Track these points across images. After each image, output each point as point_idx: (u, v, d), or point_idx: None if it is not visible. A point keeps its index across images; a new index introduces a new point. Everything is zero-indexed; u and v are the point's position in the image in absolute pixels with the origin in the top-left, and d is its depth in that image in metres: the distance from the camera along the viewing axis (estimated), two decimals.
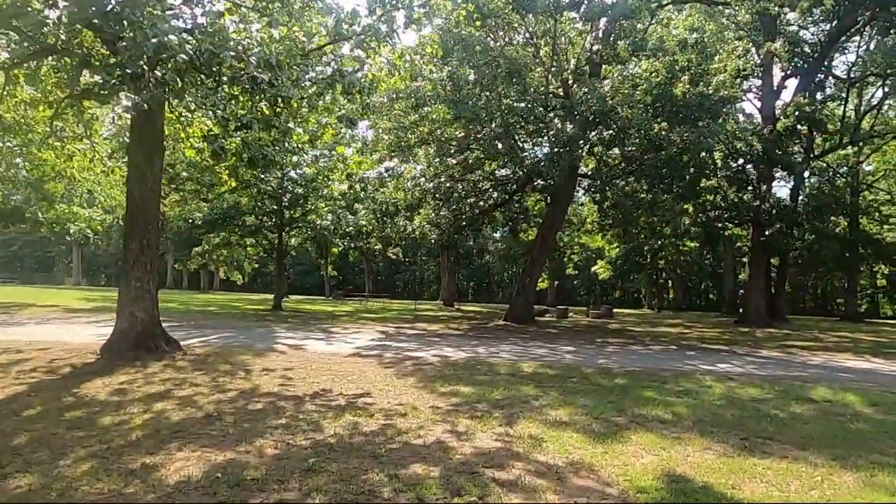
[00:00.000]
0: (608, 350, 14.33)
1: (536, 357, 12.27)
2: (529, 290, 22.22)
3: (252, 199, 24.04)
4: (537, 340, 16.09)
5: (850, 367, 12.16)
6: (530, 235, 46.70)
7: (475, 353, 12.76)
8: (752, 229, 25.70)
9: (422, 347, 13.46)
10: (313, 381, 8.68)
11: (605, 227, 27.94)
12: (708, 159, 17.23)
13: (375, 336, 16.08)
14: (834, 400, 8.23)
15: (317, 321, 20.76)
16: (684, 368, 11.11)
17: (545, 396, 7.96)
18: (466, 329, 19.42)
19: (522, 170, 17.94)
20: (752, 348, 15.52)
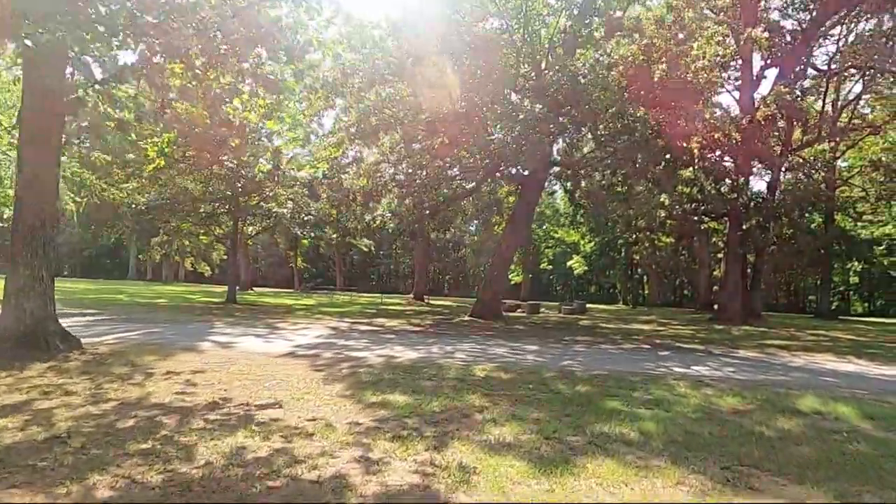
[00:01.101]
0: (576, 349, 13.19)
1: (495, 358, 11.05)
2: (497, 284, 21.03)
3: (203, 184, 22.41)
4: (501, 338, 14.90)
5: (835, 370, 11.18)
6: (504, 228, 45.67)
7: (428, 352, 11.50)
8: (729, 223, 24.86)
9: (370, 346, 12.16)
10: (220, 387, 7.33)
11: (576, 218, 26.87)
12: (684, 144, 16.19)
13: (324, 332, 14.73)
14: (825, 412, 7.14)
15: (268, 315, 19.31)
16: (656, 372, 9.99)
17: (492, 408, 6.72)
18: (428, 325, 18.16)
19: (488, 155, 16.68)
20: (729, 348, 14.53)
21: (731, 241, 24.63)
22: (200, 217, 22.91)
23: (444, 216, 26.23)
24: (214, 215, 23.02)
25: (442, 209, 21.21)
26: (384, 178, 19.69)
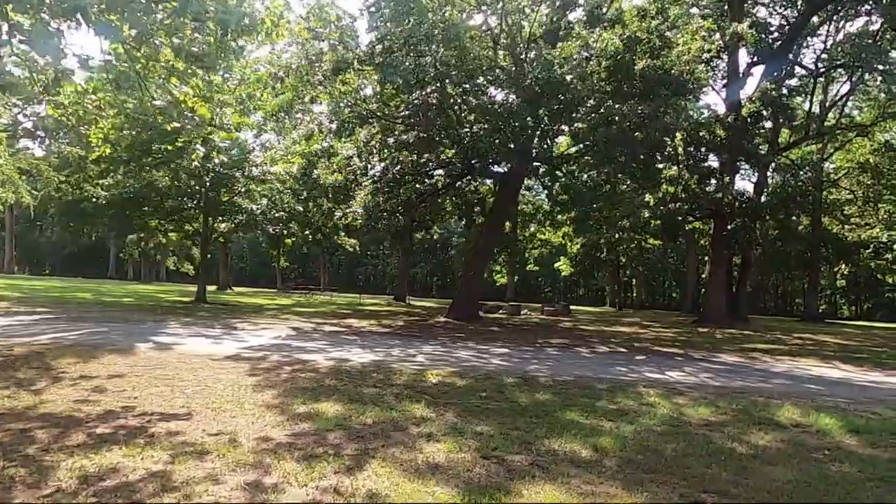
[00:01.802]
0: (547, 353, 12.44)
1: (456, 362, 10.28)
2: (473, 285, 20.26)
3: (169, 178, 21.49)
4: (472, 340, 14.12)
5: (819, 376, 10.50)
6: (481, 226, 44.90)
7: (386, 355, 10.70)
8: (714, 223, 24.26)
9: (325, 348, 11.35)
10: (131, 394, 6.51)
11: (554, 217, 26.15)
12: (664, 137, 15.46)
13: (284, 333, 13.90)
14: (805, 424, 6.43)
15: (233, 315, 18.44)
16: (628, 378, 9.25)
17: (434, 420, 5.95)
18: (399, 326, 17.37)
19: (462, 150, 15.88)
20: (710, 352, 13.84)
21: (715, 241, 24.03)
22: (166, 212, 21.97)
23: (423, 214, 25.43)
24: (181, 211, 22.06)
25: (415, 206, 20.38)
26: (356, 173, 18.88)
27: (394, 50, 14.14)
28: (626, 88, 14.71)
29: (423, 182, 20.10)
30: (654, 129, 14.21)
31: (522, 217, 42.23)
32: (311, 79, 15.61)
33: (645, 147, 14.69)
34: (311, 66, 15.09)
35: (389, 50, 14.22)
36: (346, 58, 14.55)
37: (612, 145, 14.20)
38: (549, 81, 13.79)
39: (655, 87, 14.60)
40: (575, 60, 14.24)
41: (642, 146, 14.57)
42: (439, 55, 13.86)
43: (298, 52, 15.14)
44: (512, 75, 14.60)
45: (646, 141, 14.53)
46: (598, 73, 14.78)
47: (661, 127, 14.43)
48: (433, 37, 13.78)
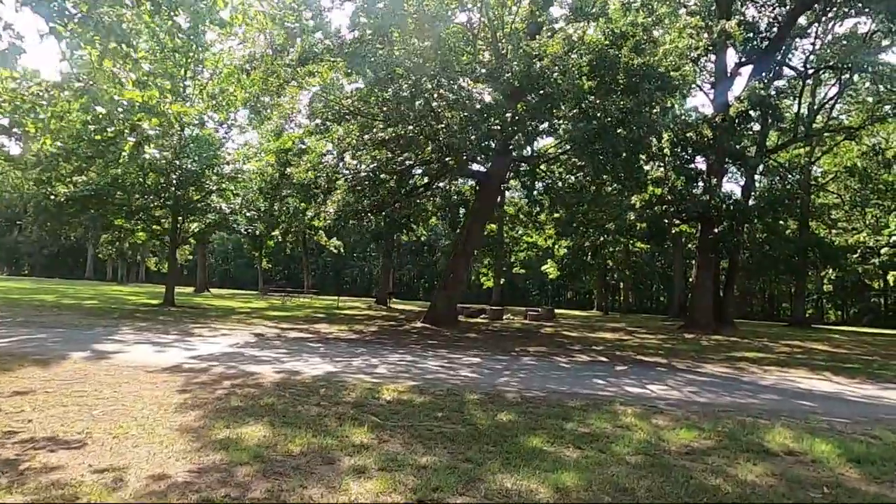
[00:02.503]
0: (522, 363, 11.65)
1: (421, 374, 9.46)
2: (452, 289, 19.43)
3: (135, 175, 20.50)
4: (444, 348, 13.31)
5: (811, 390, 9.78)
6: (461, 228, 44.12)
7: (346, 366, 9.86)
8: (701, 226, 23.63)
9: (281, 358, 10.49)
10: (28, 415, 5.65)
11: (535, 218, 25.39)
12: (648, 134, 14.73)
13: (243, 340, 13.01)
14: (799, 451, 5.68)
15: (196, 320, 17.49)
16: (605, 393, 8.48)
17: (373, 450, 5.12)
18: (370, 332, 16.51)
19: (438, 147, 15.04)
20: (695, 361, 13.11)
21: (702, 245, 23.40)
22: (130, 211, 20.94)
23: (403, 214, 24.59)
24: (146, 209, 21.04)
25: (390, 206, 19.50)
26: (328, 171, 17.98)
27: (364, 40, 13.32)
28: (609, 83, 13.99)
29: (399, 181, 19.24)
30: (636, 126, 13.49)
31: (508, 219, 41.68)
32: (278, 70, 14.75)
33: (627, 144, 13.95)
34: (276, 56, 14.19)
35: (360, 40, 13.40)
36: (315, 48, 13.67)
37: (593, 142, 13.45)
38: (528, 75, 13.03)
39: (639, 82, 13.90)
40: (556, 54, 13.47)
41: (624, 143, 13.83)
42: (412, 46, 13.06)
43: (264, 42, 14.29)
44: (491, 69, 13.79)
45: (628, 138, 13.79)
46: (579, 67, 14.05)
47: (644, 123, 13.73)
48: (406, 27, 12.98)
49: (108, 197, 20.22)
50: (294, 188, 18.61)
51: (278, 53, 14.06)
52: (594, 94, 13.89)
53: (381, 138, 17.95)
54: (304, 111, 17.33)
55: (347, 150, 17.85)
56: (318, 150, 18.77)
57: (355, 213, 18.08)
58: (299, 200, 20.01)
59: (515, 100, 13.56)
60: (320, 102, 17.43)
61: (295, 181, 18.01)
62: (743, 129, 21.68)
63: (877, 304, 53.70)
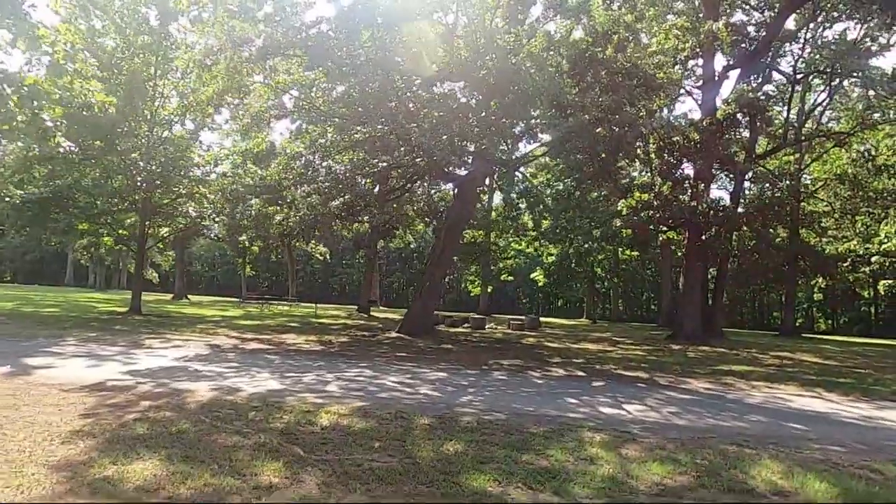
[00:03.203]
0: (492, 378, 10.79)
1: (375, 392, 8.59)
2: (429, 297, 18.54)
3: (97, 176, 19.54)
4: (411, 361, 12.42)
5: (801, 410, 8.97)
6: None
7: (295, 383, 8.98)
8: (688, 233, 22.91)
9: (225, 373, 9.58)
10: None
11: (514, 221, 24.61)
12: (629, 133, 13.91)
13: (194, 352, 12.07)
14: (789, 490, 4.86)
15: (156, 329, 16.51)
16: (575, 414, 7.64)
17: (281, 491, 4.26)
18: (339, 343, 15.60)
19: (411, 150, 14.20)
20: (679, 376, 12.29)
21: (689, 252, 22.67)
22: (92, 214, 19.92)
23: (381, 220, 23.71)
24: (110, 212, 20.02)
25: (361, 209, 18.58)
26: (296, 174, 17.07)
27: (329, 33, 12.48)
28: (590, 81, 13.24)
29: (372, 184, 18.33)
30: (616, 125, 12.71)
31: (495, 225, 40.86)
32: (238, 66, 13.87)
33: (606, 144, 13.16)
34: (236, 49, 13.28)
35: (323, 33, 12.55)
36: (276, 41, 12.80)
37: (570, 140, 12.65)
38: (502, 70, 12.25)
39: (622, 80, 13.15)
40: (532, 48, 12.70)
41: (603, 142, 13.04)
42: (377, 40, 12.25)
43: (222, 35, 13.41)
44: (464, 65, 12.96)
45: (607, 137, 13.01)
46: (558, 64, 13.31)
47: (625, 122, 12.95)
48: (374, 20, 12.18)
49: (69, 200, 19.24)
50: (257, 190, 17.71)
51: (238, 47, 13.17)
52: (572, 90, 13.12)
53: (355, 139, 17.13)
54: (274, 112, 16.42)
55: (318, 152, 17.00)
56: (289, 151, 17.89)
57: (322, 217, 17.14)
58: (263, 203, 19.12)
59: (490, 98, 12.78)
60: (290, 102, 16.58)
61: (260, 184, 17.09)
62: (731, 133, 21.02)
63: (867, 313, 53.30)
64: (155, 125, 21.05)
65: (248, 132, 16.37)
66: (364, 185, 17.99)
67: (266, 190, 17.61)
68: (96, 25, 21.06)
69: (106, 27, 20.97)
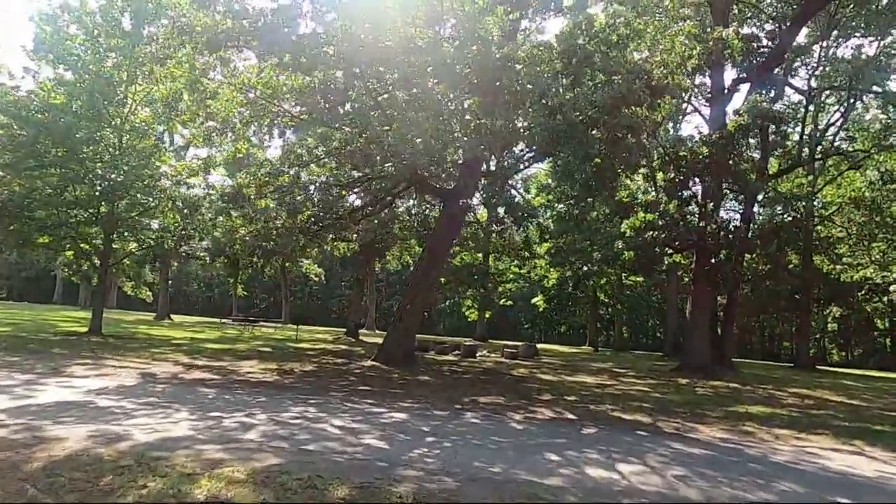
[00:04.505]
0: (462, 421, 8.98)
1: (305, 441, 6.85)
2: (409, 322, 16.73)
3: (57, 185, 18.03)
4: (372, 398, 10.63)
5: (845, 475, 7.13)
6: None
7: (208, 427, 7.25)
8: (696, 256, 21.13)
9: (132, 413, 7.85)
10: None
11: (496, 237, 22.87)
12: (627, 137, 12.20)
13: (116, 383, 10.35)
14: None
15: (96, 353, 14.79)
16: (552, 480, 5.85)
17: None
18: (301, 373, 13.82)
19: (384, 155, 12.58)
20: (688, 420, 10.42)
21: (697, 277, 20.85)
22: (46, 226, 18.33)
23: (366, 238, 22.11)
24: (66, 225, 18.42)
25: (329, 225, 16.78)
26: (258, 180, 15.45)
27: (285, 14, 10.96)
28: (587, 78, 11.67)
29: (343, 197, 16.61)
30: (613, 128, 11.06)
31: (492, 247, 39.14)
32: (189, 59, 12.38)
33: (601, 147, 11.48)
34: (180, 38, 11.71)
35: (278, 13, 11.01)
36: (226, 28, 11.28)
37: (559, 142, 11.01)
38: (484, 68, 10.69)
39: (622, 79, 11.56)
40: (520, 42, 11.20)
41: (598, 145, 11.38)
42: (339, 27, 10.75)
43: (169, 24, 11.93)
44: (438, 59, 11.36)
45: (603, 140, 11.36)
46: (549, 59, 11.79)
47: (623, 124, 11.31)
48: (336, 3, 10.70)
49: (21, 210, 17.70)
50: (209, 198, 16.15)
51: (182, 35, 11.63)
52: (562, 88, 11.54)
53: (332, 147, 15.60)
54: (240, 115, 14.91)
55: (287, 160, 15.45)
56: (260, 159, 16.35)
57: (282, 231, 15.41)
58: (216, 214, 17.55)
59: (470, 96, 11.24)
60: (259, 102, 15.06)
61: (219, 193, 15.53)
62: (743, 149, 19.38)
63: (882, 344, 50.99)
64: (124, 133, 19.61)
65: (211, 138, 14.85)
66: (335, 197, 16.34)
67: (225, 199, 16.03)
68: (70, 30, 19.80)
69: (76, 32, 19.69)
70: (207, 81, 13.44)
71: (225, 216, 17.22)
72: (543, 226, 27.56)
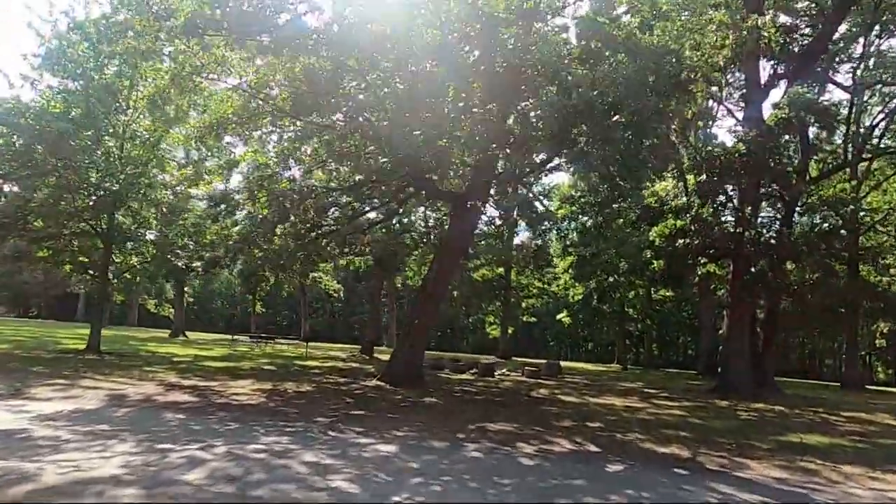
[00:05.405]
0: (459, 456, 7.53)
1: (260, 481, 5.54)
2: (416, 339, 15.34)
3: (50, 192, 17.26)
4: (362, 425, 9.22)
5: None
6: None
7: (154, 462, 6.00)
8: (733, 266, 19.35)
9: (62, 445, 6.64)
10: None
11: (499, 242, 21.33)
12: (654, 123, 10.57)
13: (75, 407, 9.18)
14: None
15: (79, 372, 13.73)
16: None
17: None
18: (292, 394, 12.52)
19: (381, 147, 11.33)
20: (734, 455, 8.76)
21: (735, 288, 19.06)
22: (38, 238, 17.56)
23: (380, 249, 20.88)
24: (59, 237, 17.63)
25: (331, 233, 15.40)
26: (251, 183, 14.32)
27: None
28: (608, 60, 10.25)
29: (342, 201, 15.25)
30: (637, 113, 9.50)
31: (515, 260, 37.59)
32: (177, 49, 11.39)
33: (624, 131, 9.93)
34: (154, 22, 10.66)
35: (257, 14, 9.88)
36: (204, 13, 10.17)
37: (574, 124, 9.55)
38: (490, 46, 9.38)
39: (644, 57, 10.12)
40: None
41: (621, 129, 9.88)
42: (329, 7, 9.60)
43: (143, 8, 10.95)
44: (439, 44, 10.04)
45: (628, 125, 9.83)
46: (564, 41, 10.46)
47: (650, 108, 9.79)
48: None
49: (15, 221, 16.96)
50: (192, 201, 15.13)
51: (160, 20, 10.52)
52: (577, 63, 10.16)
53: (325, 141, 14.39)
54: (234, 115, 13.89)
55: (281, 162, 14.34)
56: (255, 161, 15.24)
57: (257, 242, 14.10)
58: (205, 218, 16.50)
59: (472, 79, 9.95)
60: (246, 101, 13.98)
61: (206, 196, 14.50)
62: (783, 146, 17.67)
63: None
64: (124, 140, 18.85)
65: (203, 140, 13.84)
66: (331, 203, 15.08)
67: (213, 202, 14.93)
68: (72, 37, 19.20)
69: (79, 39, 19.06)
70: (196, 77, 12.43)
71: (211, 222, 16.17)
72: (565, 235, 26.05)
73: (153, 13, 10.43)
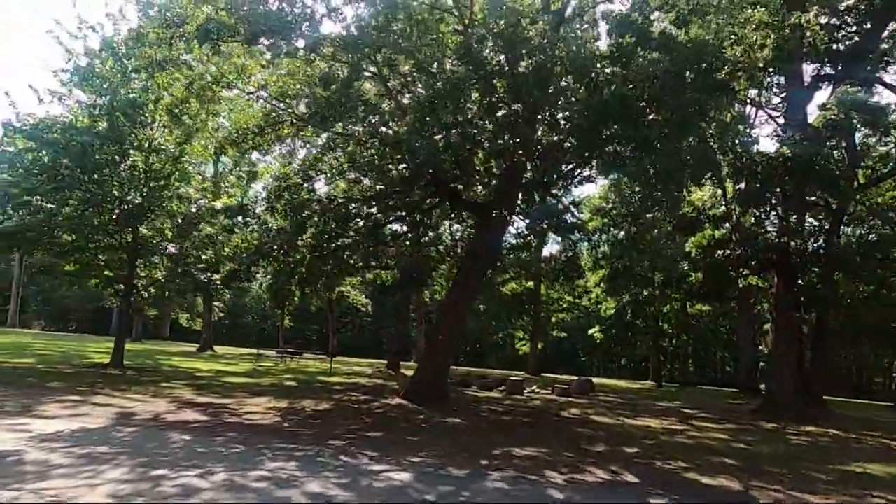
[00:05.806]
0: (479, 487, 6.81)
1: None
2: (441, 356, 14.68)
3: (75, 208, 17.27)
4: (377, 448, 8.58)
5: None
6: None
7: (145, 490, 5.44)
8: (778, 278, 18.17)
9: (48, 471, 6.17)
10: None
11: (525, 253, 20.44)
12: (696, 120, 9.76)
13: (78, 426, 8.77)
14: None
15: (94, 388, 13.44)
16: None
17: None
18: (308, 413, 11.97)
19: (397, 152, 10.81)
20: (790, 488, 7.80)
21: (780, 302, 17.89)
22: (63, 252, 17.59)
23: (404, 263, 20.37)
24: (84, 250, 17.60)
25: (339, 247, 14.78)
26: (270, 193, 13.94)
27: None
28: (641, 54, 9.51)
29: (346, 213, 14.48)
30: (678, 108, 8.75)
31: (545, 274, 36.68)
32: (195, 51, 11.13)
33: (661, 130, 9.12)
34: (169, 30, 10.37)
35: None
36: (220, 18, 9.85)
37: (604, 123, 8.80)
38: (511, 41, 8.78)
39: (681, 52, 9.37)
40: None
41: (657, 129, 9.08)
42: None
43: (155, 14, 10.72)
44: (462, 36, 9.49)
45: (665, 123, 9.03)
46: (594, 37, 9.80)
47: (689, 104, 9.00)
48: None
49: (41, 236, 16.98)
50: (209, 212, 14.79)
51: (173, 28, 10.24)
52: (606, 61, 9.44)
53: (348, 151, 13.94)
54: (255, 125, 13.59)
55: (301, 173, 13.96)
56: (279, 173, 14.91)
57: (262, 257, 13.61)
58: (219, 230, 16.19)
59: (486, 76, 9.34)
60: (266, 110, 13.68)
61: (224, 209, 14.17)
62: (830, 150, 16.57)
63: None
64: (149, 154, 18.80)
65: (224, 151, 13.57)
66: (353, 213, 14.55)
67: (229, 214, 14.61)
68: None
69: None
70: (215, 87, 12.16)
71: (227, 233, 15.88)
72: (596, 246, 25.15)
73: (166, 21, 10.17)
